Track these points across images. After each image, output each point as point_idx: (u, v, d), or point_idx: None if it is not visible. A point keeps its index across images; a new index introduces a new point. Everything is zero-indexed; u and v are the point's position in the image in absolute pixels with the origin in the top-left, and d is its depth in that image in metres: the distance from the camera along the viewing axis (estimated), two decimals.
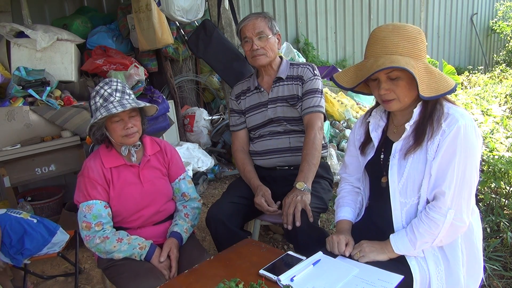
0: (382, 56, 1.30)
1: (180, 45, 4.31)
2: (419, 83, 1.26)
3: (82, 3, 4.34)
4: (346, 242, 1.46)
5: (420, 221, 1.34)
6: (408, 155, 1.36)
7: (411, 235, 1.35)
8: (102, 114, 1.60)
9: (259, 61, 2.03)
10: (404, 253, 1.37)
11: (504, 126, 3.73)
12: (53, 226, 2.26)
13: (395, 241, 1.38)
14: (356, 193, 1.66)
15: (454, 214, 1.28)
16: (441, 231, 1.30)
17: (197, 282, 1.38)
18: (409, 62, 1.27)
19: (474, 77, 7.38)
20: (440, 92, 1.28)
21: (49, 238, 2.22)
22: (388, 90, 1.34)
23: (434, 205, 1.32)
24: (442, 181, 1.29)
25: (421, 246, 1.34)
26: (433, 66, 1.34)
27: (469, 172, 1.29)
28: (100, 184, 1.70)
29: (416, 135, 1.35)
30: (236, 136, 2.20)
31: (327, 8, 6.57)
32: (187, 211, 1.87)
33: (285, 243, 2.76)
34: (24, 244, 2.11)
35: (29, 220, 2.20)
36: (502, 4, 9.41)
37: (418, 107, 1.36)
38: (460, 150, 1.27)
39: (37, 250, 2.16)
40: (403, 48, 1.29)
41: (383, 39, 1.32)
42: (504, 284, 2.11)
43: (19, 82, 2.96)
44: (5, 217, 2.14)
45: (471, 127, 1.29)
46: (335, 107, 4.37)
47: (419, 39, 1.32)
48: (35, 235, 2.15)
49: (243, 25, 2.02)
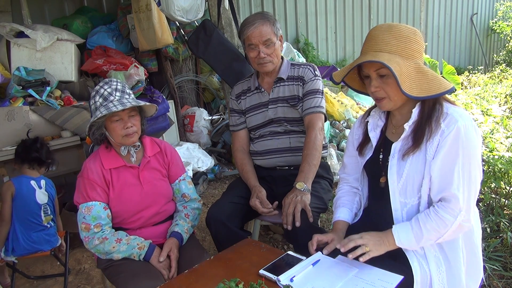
0: (370, 52, 1.33)
1: (180, 45, 4.31)
2: (401, 81, 1.27)
3: (82, 3, 4.34)
4: (327, 240, 1.48)
5: (428, 217, 1.31)
6: (406, 156, 1.36)
7: (417, 230, 1.32)
8: (102, 113, 1.60)
9: (266, 68, 2.02)
10: (405, 247, 1.35)
11: (504, 126, 3.73)
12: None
13: (398, 234, 1.34)
14: (354, 193, 1.66)
15: (464, 216, 1.28)
16: (448, 231, 1.29)
17: (197, 282, 1.38)
18: (394, 59, 1.28)
19: (474, 77, 7.38)
20: (431, 93, 1.29)
21: (55, 242, 2.26)
22: (378, 88, 1.35)
23: (446, 206, 1.30)
24: (450, 183, 1.28)
25: (425, 242, 1.33)
26: (429, 68, 1.34)
27: (474, 172, 1.29)
28: (100, 186, 1.70)
29: (415, 136, 1.35)
30: (236, 136, 2.20)
31: (327, 8, 6.57)
32: (187, 212, 1.87)
33: (285, 243, 2.76)
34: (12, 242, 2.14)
35: (44, 226, 2.23)
36: (502, 4, 9.41)
37: (417, 107, 1.36)
38: (463, 151, 1.27)
39: (23, 252, 2.18)
40: (393, 46, 1.30)
41: (376, 37, 1.34)
42: (504, 284, 2.11)
43: (19, 82, 2.96)
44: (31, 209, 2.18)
45: (471, 126, 1.29)
46: (335, 107, 4.37)
47: (413, 39, 1.32)
48: (40, 238, 2.18)
49: (249, 32, 1.96)
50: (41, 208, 2.22)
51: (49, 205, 2.26)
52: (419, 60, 1.33)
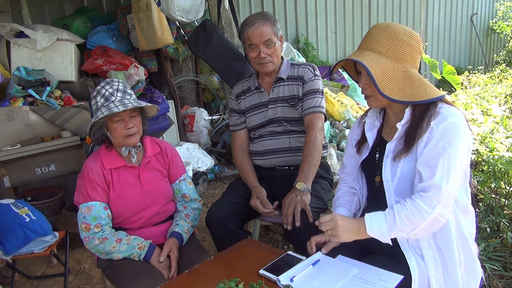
0: (361, 49, 1.36)
1: (180, 45, 4.31)
2: (381, 82, 1.30)
3: (82, 3, 4.33)
4: (325, 240, 1.49)
5: (404, 207, 1.28)
6: (398, 159, 1.37)
7: (390, 218, 1.29)
8: (103, 113, 1.60)
9: (266, 69, 2.02)
10: (376, 237, 1.31)
11: (504, 126, 3.73)
12: (45, 228, 2.25)
13: (371, 222, 1.31)
14: (353, 194, 1.66)
15: (442, 208, 1.26)
16: (423, 223, 1.26)
17: (197, 282, 1.38)
18: (378, 60, 1.30)
19: (474, 77, 7.38)
20: (415, 99, 1.31)
21: (33, 236, 2.20)
22: (366, 85, 1.39)
23: (423, 195, 1.27)
24: (433, 175, 1.26)
25: (397, 233, 1.30)
26: (420, 74, 1.35)
27: (459, 168, 1.27)
28: (100, 186, 1.70)
29: (407, 138, 1.35)
30: (236, 136, 2.20)
31: (327, 8, 6.57)
32: (187, 212, 1.87)
33: (285, 243, 2.76)
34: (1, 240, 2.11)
35: (20, 217, 2.17)
36: (502, 4, 9.41)
37: (410, 108, 1.37)
38: (449, 145, 1.26)
39: (15, 248, 2.15)
40: (384, 47, 1.32)
41: (371, 35, 1.36)
42: (504, 284, 2.11)
43: (19, 82, 2.96)
44: (2, 208, 2.14)
45: (460, 125, 1.28)
46: (335, 107, 4.37)
47: (407, 42, 1.32)
48: (17, 234, 2.14)
49: (250, 32, 1.96)
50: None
51: (19, 202, 2.25)
52: (410, 63, 1.33)
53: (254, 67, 2.11)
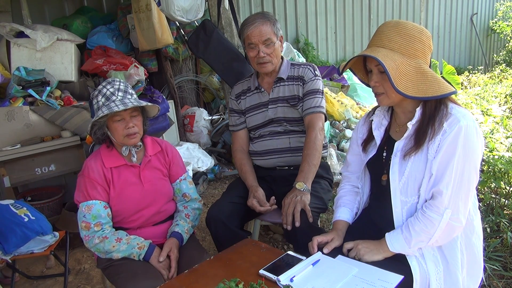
0: (372, 47, 1.35)
1: (180, 45, 4.31)
2: (396, 78, 1.28)
3: (82, 3, 4.33)
4: (327, 240, 1.50)
5: (416, 219, 1.34)
6: (408, 157, 1.37)
7: (406, 233, 1.35)
8: (104, 112, 1.60)
9: (266, 69, 2.02)
10: (400, 252, 1.37)
11: (504, 126, 3.73)
12: (44, 227, 2.25)
13: (391, 240, 1.38)
14: (356, 193, 1.66)
15: (451, 214, 1.28)
16: (437, 231, 1.30)
17: (197, 282, 1.38)
18: (392, 56, 1.29)
19: (474, 77, 7.38)
20: (428, 95, 1.30)
21: (32, 235, 2.20)
22: (378, 83, 1.37)
23: (431, 204, 1.32)
24: (440, 180, 1.29)
25: (416, 244, 1.34)
26: (432, 70, 1.34)
27: (468, 172, 1.28)
28: (100, 184, 1.70)
29: (417, 137, 1.35)
30: (236, 136, 2.20)
31: (327, 8, 6.57)
32: (188, 212, 1.87)
33: (285, 243, 2.76)
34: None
35: (19, 217, 2.17)
36: (502, 4, 9.41)
37: (421, 107, 1.36)
38: (459, 150, 1.27)
39: (14, 248, 2.15)
40: (396, 43, 1.31)
41: (382, 32, 1.35)
42: (504, 284, 2.11)
43: (19, 82, 2.96)
44: (1, 208, 2.14)
45: (472, 127, 1.28)
46: (335, 107, 4.37)
47: (418, 38, 1.32)
48: (16, 233, 2.14)
49: (249, 31, 1.96)
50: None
51: (18, 202, 2.25)
52: (421, 59, 1.33)
53: (253, 67, 2.11)
